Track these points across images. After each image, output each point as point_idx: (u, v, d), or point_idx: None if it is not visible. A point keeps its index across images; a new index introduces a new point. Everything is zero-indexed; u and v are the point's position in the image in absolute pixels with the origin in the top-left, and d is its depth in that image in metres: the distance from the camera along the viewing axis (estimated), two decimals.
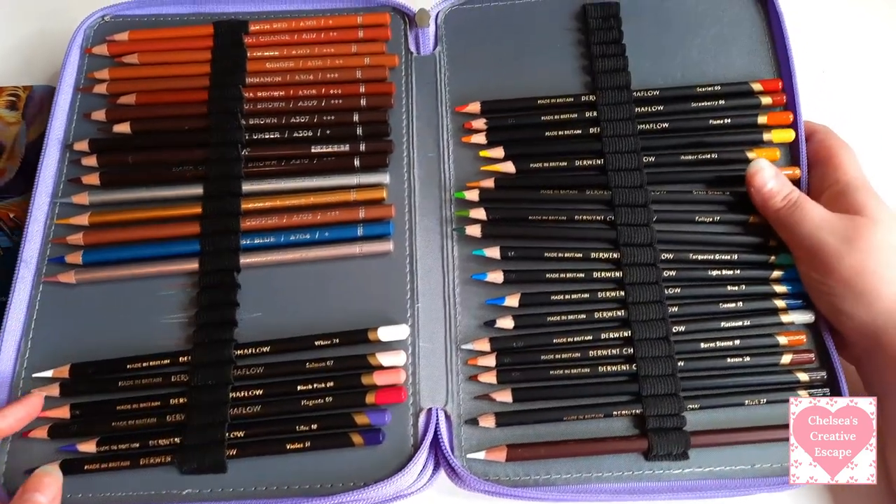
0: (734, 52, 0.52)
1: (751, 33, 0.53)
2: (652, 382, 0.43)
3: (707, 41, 0.52)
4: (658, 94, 0.50)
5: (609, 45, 0.52)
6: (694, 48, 0.52)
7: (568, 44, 0.53)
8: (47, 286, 0.46)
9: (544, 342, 0.45)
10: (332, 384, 0.43)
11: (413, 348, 0.45)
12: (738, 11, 0.53)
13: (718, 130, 0.49)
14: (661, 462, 0.42)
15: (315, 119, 0.50)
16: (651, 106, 0.50)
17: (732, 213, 0.48)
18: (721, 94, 0.50)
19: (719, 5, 0.53)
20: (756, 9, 0.53)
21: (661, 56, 0.52)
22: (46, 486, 0.38)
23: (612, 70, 0.51)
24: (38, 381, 0.44)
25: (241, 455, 0.41)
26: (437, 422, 0.43)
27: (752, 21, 0.53)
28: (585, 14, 0.53)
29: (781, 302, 0.46)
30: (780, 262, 0.46)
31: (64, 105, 0.51)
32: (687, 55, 0.52)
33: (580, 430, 0.43)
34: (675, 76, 0.51)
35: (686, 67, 0.52)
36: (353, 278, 0.46)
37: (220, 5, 0.54)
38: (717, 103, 0.50)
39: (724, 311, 0.46)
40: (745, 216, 0.47)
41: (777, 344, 0.45)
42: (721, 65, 0.52)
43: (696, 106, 0.50)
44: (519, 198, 0.48)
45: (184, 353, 0.44)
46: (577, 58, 0.52)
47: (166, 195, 0.48)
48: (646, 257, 0.46)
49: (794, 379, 0.44)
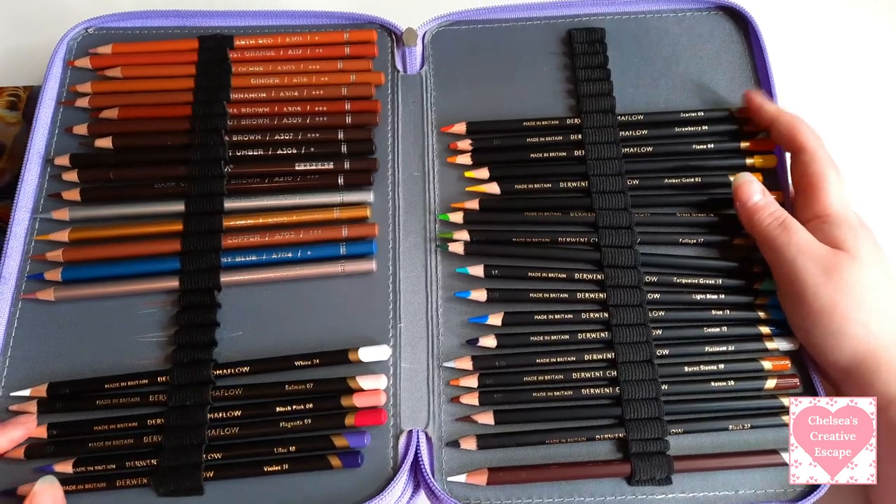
0: (718, 80, 0.53)
1: (734, 60, 0.53)
2: (635, 406, 0.43)
3: (690, 69, 0.53)
4: (642, 119, 0.50)
5: (594, 70, 0.52)
6: (677, 76, 0.53)
7: (554, 67, 0.53)
8: (26, 303, 0.46)
9: (527, 362, 0.44)
10: (312, 406, 0.42)
11: (395, 369, 0.44)
12: (720, 41, 0.54)
13: (702, 155, 0.50)
14: (644, 487, 0.42)
15: (299, 136, 0.49)
16: (635, 130, 0.50)
17: (716, 236, 0.48)
18: (704, 120, 0.50)
19: (702, 35, 0.54)
20: (739, 37, 0.54)
21: (645, 82, 0.53)
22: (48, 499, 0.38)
23: (597, 94, 0.51)
24: (15, 400, 0.43)
25: (218, 477, 0.41)
26: (418, 444, 0.42)
27: (736, 49, 0.53)
28: (571, 38, 0.54)
29: (766, 328, 0.46)
30: (765, 287, 0.46)
31: (45, 118, 0.50)
32: (670, 82, 0.52)
33: (562, 453, 0.43)
34: (658, 103, 0.52)
35: (670, 94, 0.52)
36: (335, 297, 0.46)
37: (205, 19, 0.54)
38: (700, 129, 0.50)
39: (708, 335, 0.46)
40: (729, 239, 0.47)
41: (762, 369, 0.45)
42: (705, 91, 0.52)
43: (679, 131, 0.50)
44: (503, 220, 0.48)
45: (162, 373, 0.43)
46: (563, 81, 0.53)
47: (147, 212, 0.48)
48: (630, 279, 0.46)
49: (779, 404, 0.44)
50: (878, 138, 0.60)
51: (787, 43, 0.63)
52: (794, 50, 0.54)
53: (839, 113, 0.59)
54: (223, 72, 0.51)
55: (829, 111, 0.56)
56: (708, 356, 0.45)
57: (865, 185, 0.53)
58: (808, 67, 0.63)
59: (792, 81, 0.59)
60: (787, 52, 0.62)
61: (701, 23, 0.54)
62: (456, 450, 0.43)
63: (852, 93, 0.62)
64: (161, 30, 0.54)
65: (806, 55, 0.63)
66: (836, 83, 0.62)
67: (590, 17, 0.55)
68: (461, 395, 0.44)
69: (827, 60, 0.63)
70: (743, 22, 0.54)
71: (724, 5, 0.54)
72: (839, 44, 0.64)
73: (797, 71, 0.56)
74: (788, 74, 0.59)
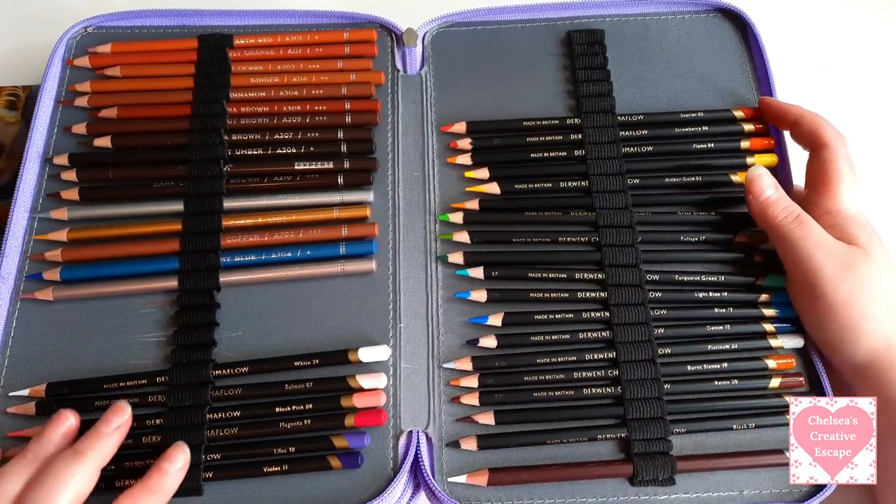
0: (718, 81, 0.53)
1: (733, 62, 0.53)
2: (637, 405, 0.43)
3: (690, 70, 0.53)
4: (642, 119, 0.50)
5: (594, 71, 0.52)
6: (677, 77, 0.53)
7: (553, 68, 0.53)
8: (25, 303, 0.46)
9: (528, 362, 0.44)
10: (311, 406, 0.42)
11: (395, 369, 0.44)
12: (719, 42, 0.54)
13: (702, 154, 0.50)
14: (646, 487, 0.42)
15: (299, 135, 0.49)
16: (635, 130, 0.50)
17: (718, 234, 0.47)
18: (704, 121, 0.50)
19: (701, 36, 0.54)
20: (738, 39, 0.54)
21: (645, 84, 0.53)
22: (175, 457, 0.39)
23: (596, 94, 0.51)
24: (14, 400, 0.43)
25: (217, 478, 0.41)
26: (418, 444, 0.42)
27: (735, 51, 0.54)
28: (570, 40, 0.54)
29: (770, 325, 0.45)
30: (769, 284, 0.46)
31: (44, 118, 0.50)
32: (670, 84, 0.52)
33: (564, 453, 0.43)
34: (658, 104, 0.52)
35: (670, 95, 0.52)
36: (334, 297, 0.46)
37: (204, 18, 0.54)
38: (700, 129, 0.50)
39: (711, 333, 0.45)
40: (731, 236, 0.47)
41: (766, 368, 0.44)
42: (705, 92, 0.52)
43: (679, 131, 0.50)
44: (503, 220, 0.48)
45: (161, 374, 0.43)
46: (562, 82, 0.53)
47: (146, 211, 0.48)
48: (631, 278, 0.46)
49: (783, 403, 0.43)
50: (877, 139, 0.59)
51: (785, 43, 0.63)
52: (793, 50, 0.54)
53: (838, 113, 0.58)
54: (222, 71, 0.51)
55: (828, 112, 0.56)
56: (711, 355, 0.45)
57: (865, 186, 0.53)
58: (807, 68, 0.63)
59: (791, 82, 0.60)
60: (787, 52, 0.62)
61: (700, 25, 0.54)
62: (456, 450, 0.43)
63: (851, 93, 0.62)
64: (160, 29, 0.54)
65: (805, 55, 0.63)
66: (835, 83, 0.62)
67: (589, 19, 0.55)
68: (462, 395, 0.44)
69: (826, 60, 0.62)
70: (741, 24, 0.54)
71: (722, 7, 0.54)
72: (838, 43, 0.64)
73: (796, 72, 0.55)
74: (788, 75, 0.60)
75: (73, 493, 0.36)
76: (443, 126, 0.51)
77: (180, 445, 0.40)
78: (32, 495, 0.35)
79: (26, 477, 0.36)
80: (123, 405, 0.40)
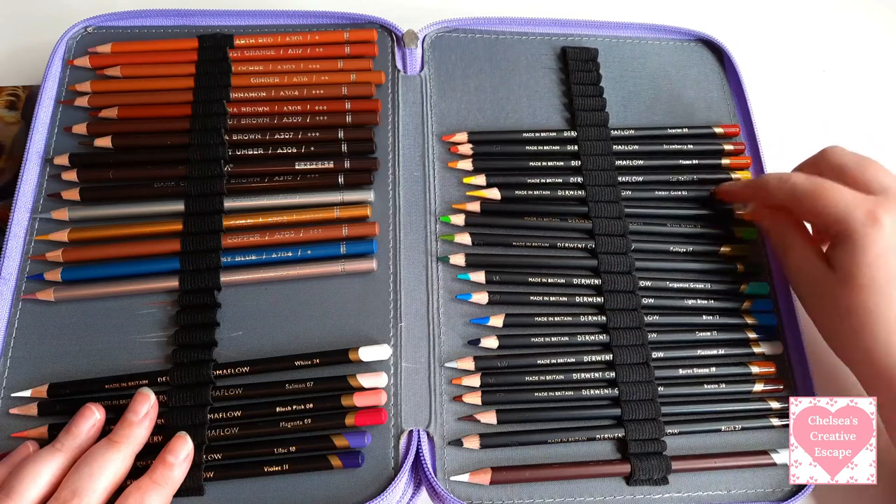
0: (699, 104, 0.56)
1: (713, 87, 0.57)
2: (633, 407, 0.44)
3: (675, 92, 0.56)
4: (633, 133, 0.52)
5: (588, 87, 0.54)
6: (663, 99, 0.55)
7: (550, 81, 0.55)
8: (26, 304, 0.46)
9: (528, 363, 0.45)
10: (312, 406, 0.42)
11: (396, 368, 0.44)
12: (700, 68, 0.57)
13: (688, 170, 0.52)
14: (641, 486, 0.43)
15: (299, 135, 0.49)
16: (627, 144, 0.52)
17: (705, 244, 0.49)
18: (689, 136, 0.53)
19: (684, 62, 0.57)
20: (717, 66, 0.57)
21: (634, 102, 0.55)
22: (178, 448, 0.40)
23: (590, 109, 0.53)
24: (16, 401, 0.43)
25: (218, 478, 0.41)
26: (420, 443, 0.42)
27: (714, 77, 0.57)
28: (565, 55, 0.55)
29: (752, 333, 0.47)
30: (751, 291, 0.48)
31: (45, 118, 0.50)
32: (656, 104, 0.55)
33: (563, 453, 0.43)
34: (646, 122, 0.54)
35: (656, 116, 0.55)
36: (335, 297, 0.46)
37: (205, 18, 0.54)
38: (686, 146, 0.52)
39: (699, 339, 0.47)
40: (717, 247, 0.49)
41: (750, 373, 0.46)
42: (688, 113, 0.55)
43: (668, 148, 0.52)
44: (503, 223, 0.49)
45: (162, 374, 0.43)
46: (559, 95, 0.54)
47: (147, 211, 0.48)
48: (625, 284, 0.47)
49: (767, 407, 0.45)
50: (877, 138, 0.60)
51: (785, 43, 0.63)
52: (793, 50, 0.54)
53: (838, 113, 0.59)
54: (223, 71, 0.51)
55: (828, 112, 0.56)
56: (700, 359, 0.46)
57: None
58: (806, 68, 0.63)
59: (791, 83, 0.60)
60: (787, 52, 0.63)
61: (682, 51, 0.57)
62: (457, 449, 0.43)
63: (851, 93, 0.62)
64: (161, 29, 0.54)
65: (805, 56, 0.63)
66: (835, 84, 0.62)
67: (583, 37, 0.57)
68: (463, 394, 0.44)
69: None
70: (719, 52, 0.57)
71: (702, 38, 0.57)
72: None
73: (796, 72, 0.55)
74: (788, 76, 0.60)
75: (111, 478, 0.37)
76: (444, 136, 0.51)
77: (182, 436, 0.40)
78: (72, 482, 0.36)
79: (56, 466, 0.37)
80: (147, 391, 0.41)
